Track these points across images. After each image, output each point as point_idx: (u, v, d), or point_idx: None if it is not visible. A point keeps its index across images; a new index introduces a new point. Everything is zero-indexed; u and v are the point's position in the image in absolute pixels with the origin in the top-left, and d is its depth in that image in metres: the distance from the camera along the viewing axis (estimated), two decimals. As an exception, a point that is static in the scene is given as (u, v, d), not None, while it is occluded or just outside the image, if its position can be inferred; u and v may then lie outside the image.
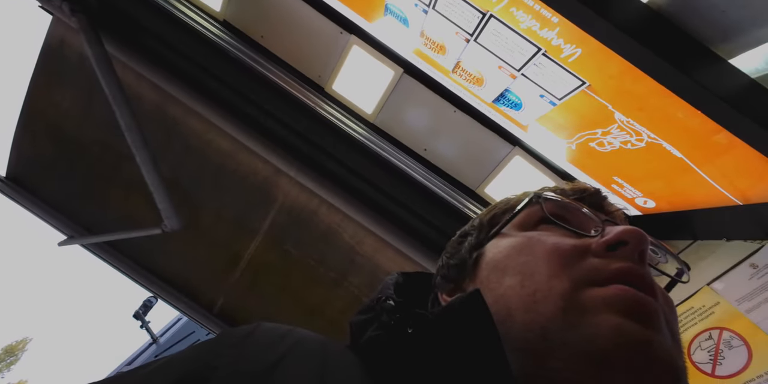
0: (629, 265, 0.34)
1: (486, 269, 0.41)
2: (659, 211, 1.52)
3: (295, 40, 1.79)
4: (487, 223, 0.47)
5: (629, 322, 0.30)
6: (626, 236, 0.35)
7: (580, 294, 0.33)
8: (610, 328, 0.30)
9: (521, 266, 0.37)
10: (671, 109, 1.11)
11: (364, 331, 0.38)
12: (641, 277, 0.33)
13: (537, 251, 0.37)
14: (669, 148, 1.23)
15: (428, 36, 1.44)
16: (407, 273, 0.48)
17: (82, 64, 2.21)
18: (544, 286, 0.34)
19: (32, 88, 2.37)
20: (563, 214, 0.42)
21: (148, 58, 2.04)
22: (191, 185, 2.30)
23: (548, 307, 0.32)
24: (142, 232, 2.24)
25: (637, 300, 0.31)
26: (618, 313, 0.30)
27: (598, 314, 0.31)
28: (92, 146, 2.38)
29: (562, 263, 0.35)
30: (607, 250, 0.35)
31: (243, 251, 2.33)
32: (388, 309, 0.37)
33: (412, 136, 1.84)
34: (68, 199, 2.56)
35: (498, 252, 0.41)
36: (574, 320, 0.31)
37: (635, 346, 0.29)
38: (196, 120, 2.16)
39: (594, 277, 0.34)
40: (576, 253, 0.36)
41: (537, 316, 0.32)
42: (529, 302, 0.33)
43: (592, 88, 1.21)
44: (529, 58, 1.24)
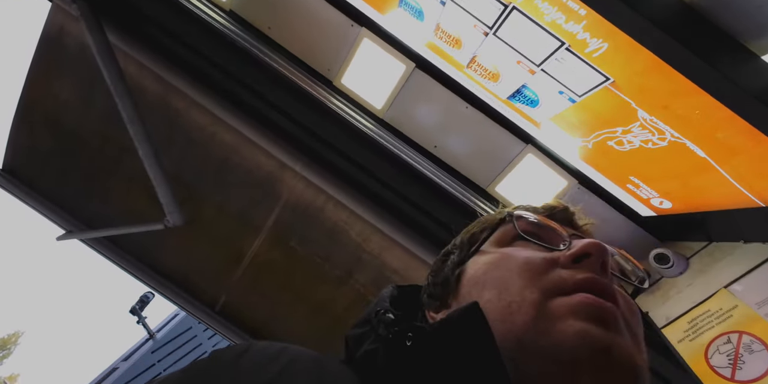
0: (591, 276, 0.37)
1: (467, 285, 0.43)
2: (675, 212, 1.49)
3: (303, 31, 1.73)
4: (467, 242, 0.50)
5: (592, 327, 0.33)
6: (589, 249, 0.38)
7: (549, 303, 0.35)
8: (575, 332, 0.32)
9: (497, 280, 0.39)
10: (699, 107, 1.07)
11: (361, 344, 0.38)
12: (602, 285, 0.36)
13: (511, 266, 0.40)
14: (693, 147, 1.19)
15: (444, 29, 1.39)
16: (401, 286, 0.50)
17: (82, 54, 2.13)
18: (518, 297, 0.36)
19: (30, 78, 2.29)
20: (534, 231, 0.45)
21: (151, 48, 1.97)
22: (194, 179, 2.25)
23: (522, 317, 0.35)
24: (143, 228, 2.19)
25: (598, 306, 0.34)
26: (581, 318, 0.33)
27: (564, 321, 0.33)
28: (92, 139, 2.31)
29: (532, 276, 0.38)
30: (573, 262, 0.38)
31: (246, 248, 2.28)
32: (386, 322, 0.38)
33: (423, 132, 1.79)
34: (67, 193, 2.49)
35: (477, 268, 0.43)
36: (545, 327, 0.34)
37: (598, 348, 0.32)
38: (200, 112, 2.10)
39: (561, 287, 0.36)
40: (545, 266, 0.39)
41: (513, 326, 0.35)
42: (505, 313, 0.36)
43: (616, 85, 1.17)
44: (551, 53, 1.19)
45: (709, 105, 1.05)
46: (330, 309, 2.41)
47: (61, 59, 2.20)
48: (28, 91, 2.32)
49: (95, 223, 2.45)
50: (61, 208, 2.47)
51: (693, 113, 1.10)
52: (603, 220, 1.68)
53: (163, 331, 11.04)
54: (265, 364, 0.32)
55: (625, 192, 1.54)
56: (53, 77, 2.26)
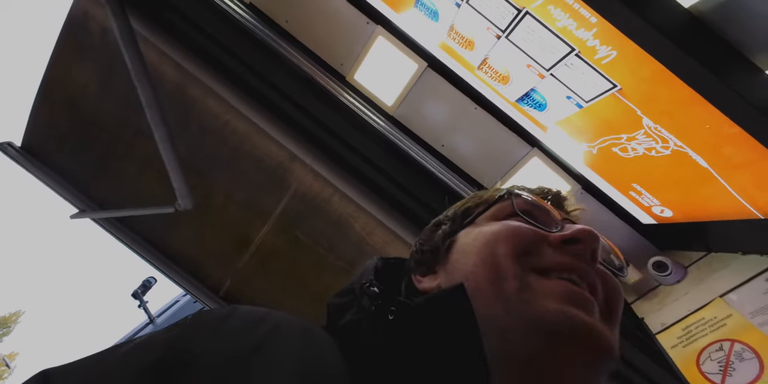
0: (574, 261, 0.38)
1: (456, 253, 0.44)
2: (674, 221, 1.51)
3: (320, 26, 1.78)
4: (461, 214, 0.51)
5: (572, 308, 0.34)
6: (581, 234, 0.39)
7: (528, 277, 0.37)
8: (557, 309, 0.34)
9: (483, 247, 0.41)
10: (702, 117, 1.10)
11: (343, 313, 0.39)
12: (584, 273, 0.38)
13: (499, 233, 0.41)
14: (695, 157, 1.22)
15: (458, 30, 1.42)
16: (386, 258, 0.51)
17: (105, 38, 2.21)
18: (502, 263, 0.38)
19: (54, 60, 2.38)
20: (530, 210, 0.46)
21: (172, 36, 2.04)
22: (206, 166, 2.32)
23: (508, 285, 0.36)
24: (155, 210, 2.27)
25: (574, 292, 0.36)
26: (560, 300, 0.35)
27: (545, 298, 0.35)
28: (109, 121, 2.39)
29: (515, 244, 0.39)
30: (562, 244, 0.40)
31: (253, 235, 2.35)
32: (371, 294, 0.38)
33: (431, 130, 1.83)
34: (82, 173, 2.58)
35: (467, 238, 0.45)
36: (529, 298, 0.35)
37: (579, 324, 0.34)
38: (215, 101, 2.16)
39: (542, 265, 0.38)
40: (534, 239, 0.40)
41: (500, 291, 0.36)
42: (493, 278, 0.37)
43: (623, 92, 1.20)
44: (561, 58, 1.23)
45: (713, 116, 1.08)
46: (331, 299, 2.47)
47: (83, 43, 2.28)
48: (50, 72, 2.41)
49: (107, 204, 2.54)
50: (75, 187, 2.56)
51: (696, 123, 1.13)
52: (604, 225, 1.71)
53: (164, 317, 11.25)
54: (251, 326, 0.31)
55: (627, 199, 1.57)
56: (75, 60, 2.34)
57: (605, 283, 0.39)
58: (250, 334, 0.30)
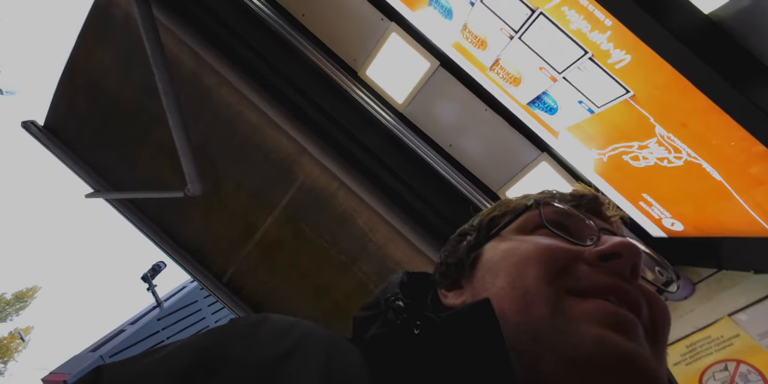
0: (614, 281, 0.35)
1: (482, 270, 0.42)
2: (685, 235, 1.48)
3: (335, 21, 1.80)
4: (486, 225, 0.48)
5: (611, 333, 0.32)
6: (620, 249, 0.36)
7: (563, 302, 0.34)
8: (594, 337, 0.32)
9: (513, 268, 0.38)
10: (718, 128, 1.07)
11: (368, 327, 0.39)
12: (626, 292, 0.35)
13: (530, 254, 0.38)
14: (709, 169, 1.19)
15: (471, 30, 1.42)
16: (412, 273, 0.50)
17: (127, 25, 2.29)
18: (533, 288, 0.35)
19: (78, 45, 2.48)
20: (561, 221, 0.43)
21: (191, 25, 2.10)
22: (216, 154, 2.38)
23: (538, 311, 0.34)
24: (165, 194, 2.34)
25: (616, 314, 0.33)
26: (599, 325, 0.33)
27: (582, 324, 0.33)
28: (128, 106, 2.48)
29: (551, 267, 0.36)
30: (600, 260, 0.36)
31: (259, 224, 2.40)
32: (396, 308, 0.38)
33: (440, 130, 1.84)
34: (99, 155, 2.69)
35: (494, 254, 0.42)
36: (562, 326, 0.33)
37: (617, 355, 0.31)
38: (229, 90, 2.22)
39: (578, 286, 0.35)
40: (567, 258, 0.37)
41: (529, 318, 0.34)
42: (521, 304, 0.35)
43: (636, 99, 1.18)
44: (573, 61, 1.21)
45: (729, 127, 1.05)
46: (332, 293, 2.51)
47: (107, 29, 2.37)
48: (75, 56, 2.51)
49: (121, 186, 2.64)
50: (91, 168, 2.67)
51: (712, 134, 1.10)
52: (611, 235, 1.68)
53: (171, 301, 11.57)
54: (281, 334, 0.33)
55: (637, 210, 1.54)
56: (99, 45, 2.43)
57: (650, 302, 0.36)
58: (281, 342, 0.32)
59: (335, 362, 0.32)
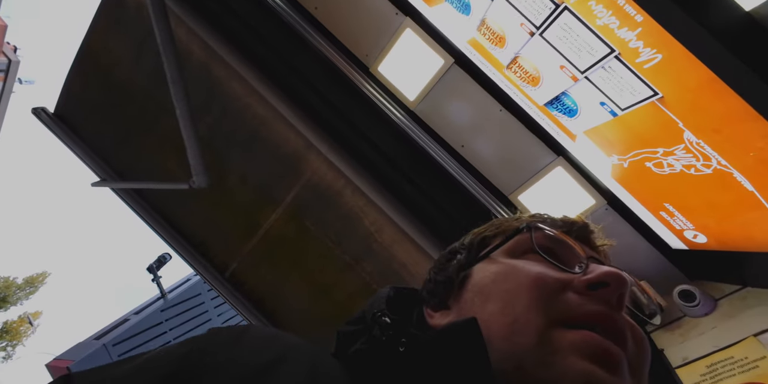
0: (601, 310, 0.36)
1: (471, 292, 0.42)
2: (708, 249, 1.40)
3: (348, 15, 1.75)
4: (477, 245, 0.49)
5: (596, 368, 0.32)
6: (608, 278, 0.37)
7: (552, 332, 0.35)
8: (579, 371, 0.32)
9: (504, 293, 0.39)
10: (755, 136, 1.00)
11: (353, 342, 0.39)
12: (613, 322, 0.36)
13: (520, 280, 0.39)
14: (740, 178, 1.12)
15: (489, 25, 1.36)
16: (399, 288, 0.49)
17: (139, 14, 2.28)
18: (522, 317, 0.36)
19: (90, 32, 2.48)
20: (551, 246, 0.44)
21: (202, 15, 2.07)
22: (223, 146, 2.36)
23: (525, 340, 0.34)
24: (170, 185, 2.33)
25: (602, 347, 0.34)
26: (585, 358, 0.33)
27: (568, 356, 0.33)
28: (137, 94, 2.47)
29: (541, 295, 0.37)
30: (588, 289, 0.37)
31: (263, 220, 2.37)
32: (382, 324, 0.38)
33: (452, 129, 1.78)
34: (106, 143, 2.69)
35: (484, 276, 0.43)
36: (547, 358, 0.33)
37: None
38: (238, 83, 2.19)
39: (568, 315, 0.36)
40: (557, 287, 0.38)
41: (515, 347, 0.34)
42: (508, 332, 0.35)
43: (664, 101, 1.11)
44: (598, 60, 1.15)
45: (764, 132, 0.97)
46: (333, 293, 2.47)
47: (119, 17, 2.37)
48: (86, 44, 2.51)
49: (127, 176, 2.64)
50: (98, 156, 2.67)
51: (746, 141, 1.02)
52: (628, 247, 1.60)
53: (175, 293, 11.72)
54: (265, 343, 0.33)
55: (657, 220, 1.46)
56: (111, 33, 2.43)
57: (633, 335, 0.37)
58: (265, 351, 0.32)
59: (319, 374, 0.31)
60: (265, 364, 0.30)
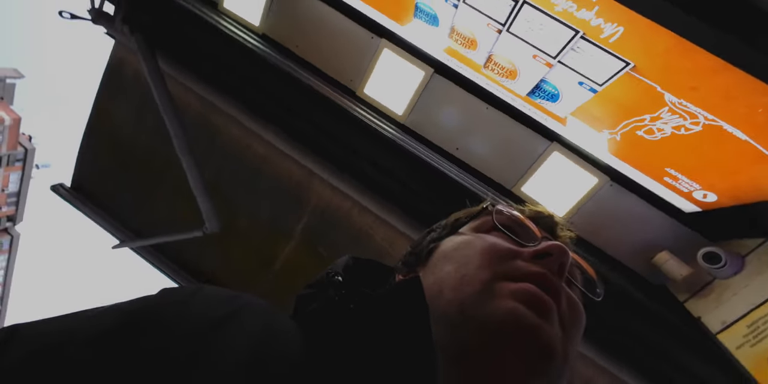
0: (542, 271, 0.39)
1: (436, 258, 0.46)
2: (722, 206, 1.36)
3: (328, 47, 1.84)
4: (450, 224, 0.53)
5: (523, 308, 0.35)
6: (551, 249, 0.41)
7: (495, 283, 0.38)
8: (507, 308, 0.35)
9: (461, 257, 0.43)
10: (731, 86, 1.01)
11: (309, 304, 0.41)
12: (549, 281, 0.39)
13: (477, 246, 0.43)
14: (731, 129, 1.11)
15: (459, 31, 1.43)
16: (358, 258, 0.51)
17: (138, 80, 2.40)
18: (471, 273, 0.39)
19: (96, 105, 2.60)
20: (511, 225, 0.48)
21: (195, 71, 2.18)
22: (230, 188, 2.38)
23: (469, 289, 0.38)
24: (185, 235, 2.32)
25: (536, 294, 0.37)
26: (517, 300, 0.36)
27: (502, 299, 0.36)
28: (144, 154, 2.54)
29: (491, 258, 0.41)
30: (534, 258, 0.41)
31: (277, 253, 2.35)
32: (335, 284, 0.40)
33: (444, 135, 1.80)
34: (122, 205, 2.72)
35: (449, 245, 0.47)
36: (484, 300, 0.37)
37: (523, 325, 0.34)
38: (236, 127, 2.26)
39: (512, 274, 0.39)
40: (507, 254, 0.41)
41: (459, 294, 0.38)
42: (456, 284, 0.39)
43: (638, 69, 1.13)
44: (566, 43, 1.19)
45: (742, 82, 0.98)
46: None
47: (120, 86, 2.49)
48: (94, 116, 2.62)
49: (144, 233, 2.64)
50: (116, 219, 2.70)
51: (725, 92, 1.03)
52: (641, 219, 1.57)
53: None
54: (218, 302, 0.32)
55: (663, 186, 1.44)
56: (114, 101, 2.55)
57: (569, 300, 0.40)
58: (213, 312, 0.31)
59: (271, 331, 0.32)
60: (218, 319, 0.30)
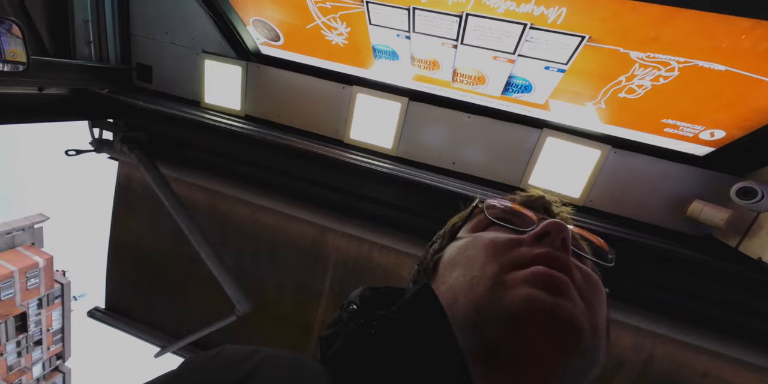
0: (546, 250, 0.37)
1: (442, 267, 0.44)
2: (733, 139, 1.27)
3: (305, 108, 1.88)
4: (448, 232, 0.51)
5: (538, 292, 0.33)
6: (548, 227, 0.39)
7: (505, 275, 0.36)
8: (522, 296, 0.33)
9: (465, 259, 0.40)
10: (688, 25, 0.99)
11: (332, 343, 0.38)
12: (556, 258, 0.37)
13: (478, 245, 0.41)
14: (707, 64, 1.07)
15: (419, 58, 1.46)
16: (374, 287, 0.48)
17: (146, 191, 2.41)
18: (479, 272, 0.37)
19: (114, 223, 2.58)
20: (506, 217, 0.46)
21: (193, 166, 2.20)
22: (252, 266, 2.26)
23: (481, 288, 0.36)
24: (221, 324, 2.13)
25: (548, 274, 0.35)
26: (531, 285, 0.34)
27: (516, 288, 0.34)
28: (166, 258, 2.45)
29: (495, 252, 0.39)
30: (536, 241, 0.39)
31: (312, 316, 2.14)
32: (351, 313, 0.38)
33: (437, 154, 1.76)
34: (156, 313, 2.56)
35: (451, 252, 0.44)
36: (498, 294, 0.34)
37: (541, 308, 0.32)
38: (242, 206, 2.22)
39: (519, 261, 0.37)
40: (509, 244, 0.39)
41: (473, 296, 0.35)
42: (468, 287, 0.37)
43: (595, 39, 1.12)
44: (519, 38, 1.20)
45: (697, 19, 0.97)
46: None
47: (132, 200, 2.49)
48: (114, 235, 2.59)
49: (182, 334, 2.43)
50: (153, 328, 2.52)
51: (684, 33, 1.01)
52: (660, 176, 1.46)
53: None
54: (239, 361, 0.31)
55: (667, 138, 1.36)
56: (129, 216, 2.53)
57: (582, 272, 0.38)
58: (233, 373, 0.30)
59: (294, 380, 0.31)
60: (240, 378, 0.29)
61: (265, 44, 1.76)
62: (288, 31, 1.61)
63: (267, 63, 1.85)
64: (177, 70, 2.05)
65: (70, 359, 19.19)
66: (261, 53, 1.83)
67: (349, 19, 1.40)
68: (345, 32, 1.47)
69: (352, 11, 1.36)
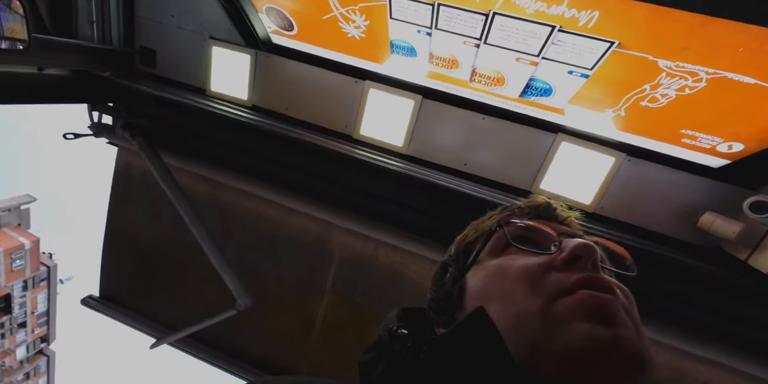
0: (585, 275, 0.37)
1: (471, 299, 0.42)
2: (751, 153, 1.26)
3: (315, 101, 1.82)
4: (462, 253, 0.49)
5: (597, 326, 0.33)
6: (578, 251, 0.39)
7: (553, 306, 0.35)
8: (583, 333, 0.32)
9: (500, 291, 0.39)
10: (720, 36, 0.96)
11: (375, 367, 0.37)
12: (597, 281, 0.37)
13: (510, 276, 0.40)
14: (736, 77, 1.05)
15: (438, 56, 1.41)
16: (407, 308, 0.48)
17: (146, 179, 2.34)
18: (523, 306, 0.36)
19: (111, 211, 2.51)
20: (525, 235, 0.45)
21: (196, 157, 2.13)
22: (254, 260, 2.21)
23: (531, 325, 0.35)
24: (220, 317, 2.10)
25: (599, 301, 0.34)
26: (586, 318, 0.33)
27: (571, 322, 0.33)
28: (165, 248, 2.39)
29: (532, 283, 0.38)
30: (566, 265, 0.39)
31: (314, 312, 2.12)
32: (401, 337, 0.37)
33: (449, 154, 1.72)
34: (153, 303, 2.51)
35: (478, 281, 0.43)
36: (554, 332, 0.33)
37: (605, 346, 0.32)
38: (246, 198, 2.16)
39: (561, 288, 0.36)
40: (542, 271, 0.39)
41: (525, 333, 0.34)
42: (514, 324, 0.35)
43: (624, 45, 1.09)
44: (545, 40, 1.16)
45: (730, 29, 0.94)
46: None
47: (131, 188, 2.42)
48: (110, 223, 2.51)
49: (179, 326, 2.39)
50: (149, 318, 2.48)
51: (716, 44, 0.98)
52: (673, 186, 1.45)
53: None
54: None
55: (684, 148, 1.34)
56: (127, 205, 2.45)
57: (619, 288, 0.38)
58: None
59: None
60: None
61: (276, 32, 1.70)
62: (303, 20, 1.55)
63: (277, 52, 1.78)
64: (183, 55, 1.97)
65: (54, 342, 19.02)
66: (271, 42, 1.76)
67: (369, 12, 1.35)
68: (363, 25, 1.42)
69: (373, 4, 1.30)
